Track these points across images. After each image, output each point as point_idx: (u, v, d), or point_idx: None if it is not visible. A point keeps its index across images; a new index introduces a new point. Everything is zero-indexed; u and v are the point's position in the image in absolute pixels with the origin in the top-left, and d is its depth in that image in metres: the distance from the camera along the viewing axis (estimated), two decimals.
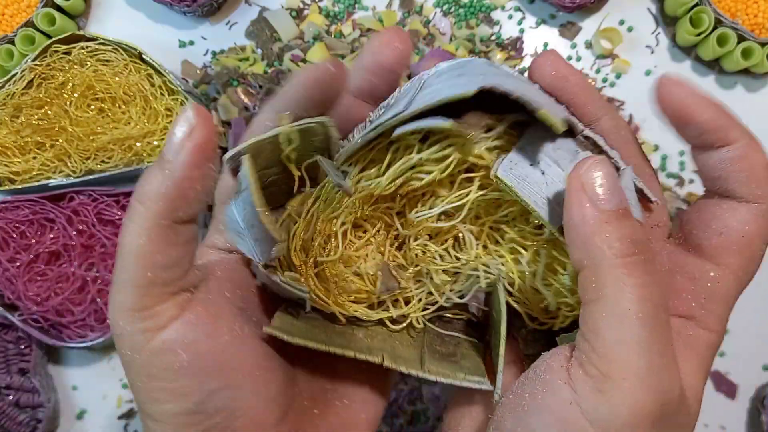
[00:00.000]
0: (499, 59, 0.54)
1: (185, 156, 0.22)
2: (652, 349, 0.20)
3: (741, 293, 0.24)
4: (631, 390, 0.20)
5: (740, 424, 0.52)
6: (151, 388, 0.24)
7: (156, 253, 0.23)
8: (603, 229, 0.21)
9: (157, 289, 0.23)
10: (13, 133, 0.52)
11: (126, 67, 0.52)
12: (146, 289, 0.23)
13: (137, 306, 0.23)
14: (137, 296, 0.23)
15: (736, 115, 0.25)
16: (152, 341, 0.23)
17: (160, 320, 0.23)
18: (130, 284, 0.23)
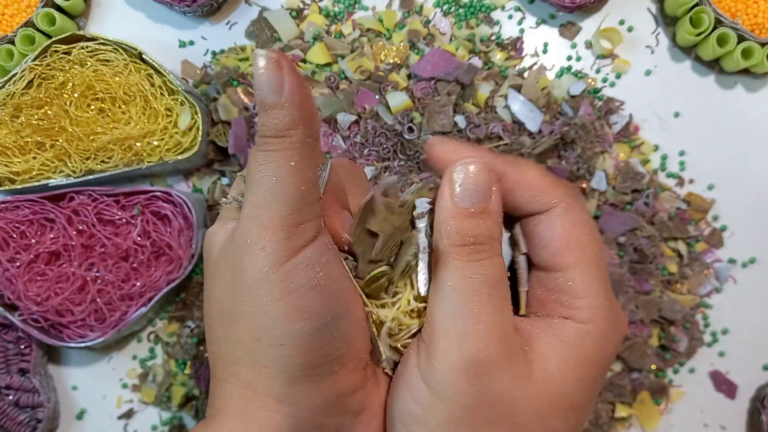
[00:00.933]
0: (499, 59, 0.54)
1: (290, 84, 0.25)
2: (464, 317, 0.24)
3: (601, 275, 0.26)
4: (445, 350, 0.24)
5: (740, 424, 0.52)
6: (282, 308, 0.25)
7: (306, 169, 0.25)
8: (449, 220, 0.25)
9: (306, 206, 0.25)
10: (13, 133, 0.52)
11: (126, 67, 0.52)
12: (298, 205, 0.25)
13: (288, 222, 0.25)
14: (290, 211, 0.25)
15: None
16: (296, 257, 0.25)
17: (304, 238, 0.25)
18: (283, 201, 0.25)
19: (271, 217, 0.25)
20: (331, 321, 0.25)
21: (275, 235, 0.25)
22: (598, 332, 0.25)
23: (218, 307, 0.27)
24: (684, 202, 0.53)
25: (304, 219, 0.25)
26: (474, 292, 0.24)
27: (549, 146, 0.52)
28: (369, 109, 0.52)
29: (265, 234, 0.25)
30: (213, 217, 0.54)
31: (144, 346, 0.55)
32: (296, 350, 0.25)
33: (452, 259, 0.25)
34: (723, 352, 0.53)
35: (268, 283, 0.25)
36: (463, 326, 0.24)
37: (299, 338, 0.25)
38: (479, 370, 0.24)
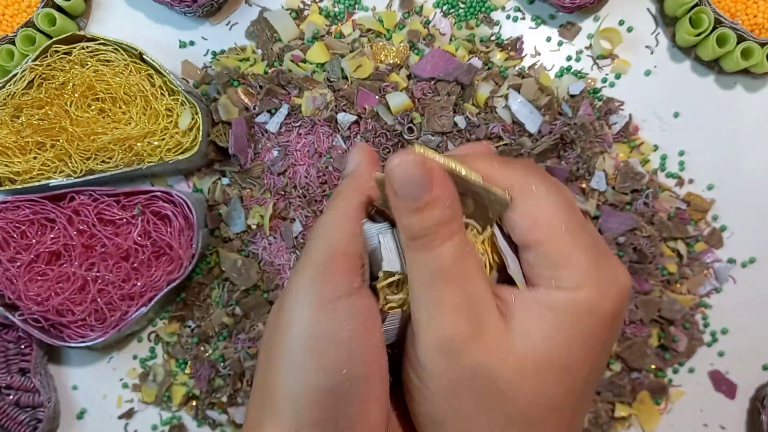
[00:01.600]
0: (499, 59, 0.54)
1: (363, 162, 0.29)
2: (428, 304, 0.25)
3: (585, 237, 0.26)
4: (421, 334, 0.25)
5: (740, 424, 0.52)
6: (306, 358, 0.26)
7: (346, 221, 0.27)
8: (400, 219, 0.26)
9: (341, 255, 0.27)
10: (13, 133, 0.52)
11: (126, 67, 0.52)
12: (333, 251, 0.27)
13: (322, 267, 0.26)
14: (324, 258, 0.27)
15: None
16: (325, 308, 0.26)
17: (336, 289, 0.26)
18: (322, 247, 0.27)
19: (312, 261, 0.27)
20: (342, 383, 0.25)
21: (312, 278, 0.26)
22: (589, 296, 0.25)
23: (266, 342, 0.28)
24: (683, 202, 0.53)
25: (340, 268, 0.26)
26: (432, 280, 0.25)
27: (549, 146, 0.52)
28: (369, 109, 0.52)
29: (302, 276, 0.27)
30: (213, 217, 0.54)
31: (144, 346, 0.55)
32: (309, 405, 0.26)
33: (408, 251, 0.26)
34: (722, 352, 0.53)
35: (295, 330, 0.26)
36: (428, 312, 0.25)
37: (313, 393, 0.25)
38: (452, 348, 0.25)
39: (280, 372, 0.26)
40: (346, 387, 0.25)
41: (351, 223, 0.27)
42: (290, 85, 0.54)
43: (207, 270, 0.54)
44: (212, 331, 0.53)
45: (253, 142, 0.53)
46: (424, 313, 0.25)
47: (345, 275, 0.26)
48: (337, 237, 0.27)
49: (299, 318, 0.26)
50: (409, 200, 0.25)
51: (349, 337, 0.26)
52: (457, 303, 0.25)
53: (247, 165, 0.53)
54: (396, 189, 0.25)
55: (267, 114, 0.54)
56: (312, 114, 0.53)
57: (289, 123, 0.53)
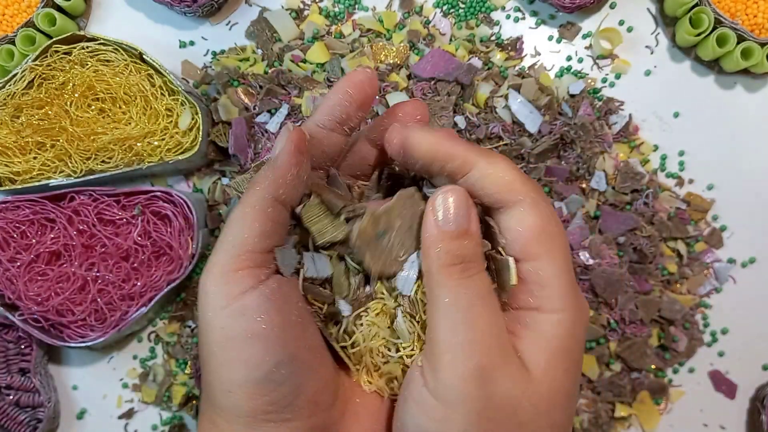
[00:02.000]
0: (499, 59, 0.54)
1: (285, 151, 0.28)
2: (464, 329, 0.25)
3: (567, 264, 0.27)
4: (451, 362, 0.25)
5: (740, 424, 0.52)
6: (226, 357, 0.26)
7: (254, 220, 0.27)
8: (437, 244, 0.26)
9: (246, 254, 0.27)
10: (13, 133, 0.52)
11: (126, 67, 0.52)
12: (238, 251, 0.27)
13: (227, 267, 0.26)
14: (229, 257, 0.27)
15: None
16: (233, 304, 0.26)
17: (242, 285, 0.26)
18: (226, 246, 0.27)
19: (213, 263, 0.27)
20: (274, 368, 0.26)
21: (215, 280, 0.27)
22: (569, 319, 0.27)
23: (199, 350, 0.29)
24: (683, 202, 0.53)
25: (241, 266, 0.27)
26: (470, 306, 0.26)
27: (549, 146, 0.52)
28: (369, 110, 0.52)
29: (208, 278, 0.27)
30: (213, 217, 0.54)
31: (144, 346, 0.55)
32: (243, 397, 0.26)
33: (446, 278, 0.26)
34: (722, 352, 0.53)
35: (213, 329, 0.27)
36: (464, 337, 0.25)
37: (243, 386, 0.26)
38: (484, 376, 0.25)
39: (211, 372, 0.27)
40: (274, 373, 0.26)
41: (259, 220, 0.27)
42: (290, 85, 0.54)
43: None
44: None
45: (253, 142, 0.53)
46: (459, 338, 0.25)
47: (250, 271, 0.27)
48: (244, 235, 0.27)
49: (212, 321, 0.26)
50: (452, 227, 0.26)
51: (263, 327, 0.26)
52: (490, 331, 0.26)
53: (247, 165, 0.53)
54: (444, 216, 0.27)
55: (267, 114, 0.54)
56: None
57: (288, 123, 0.53)
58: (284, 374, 0.26)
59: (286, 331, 0.27)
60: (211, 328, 0.27)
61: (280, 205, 0.28)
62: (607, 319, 0.51)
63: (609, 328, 0.51)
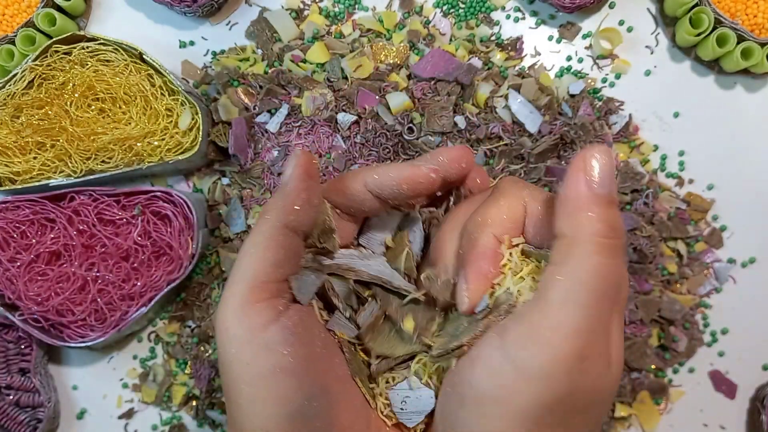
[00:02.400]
0: (499, 59, 0.54)
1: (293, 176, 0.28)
2: (587, 315, 0.23)
3: None
4: (552, 339, 0.23)
5: (740, 424, 0.52)
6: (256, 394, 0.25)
7: (266, 249, 0.26)
8: (590, 208, 0.23)
9: (262, 284, 0.26)
10: (13, 133, 0.52)
11: (126, 67, 0.52)
12: (253, 283, 0.26)
13: (244, 300, 0.26)
14: (245, 289, 0.26)
15: None
16: (257, 338, 0.25)
17: (262, 318, 0.25)
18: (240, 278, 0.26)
19: (229, 296, 0.26)
20: (306, 402, 0.25)
21: (234, 314, 0.25)
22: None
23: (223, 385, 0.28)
24: (683, 202, 0.53)
25: (260, 297, 0.26)
26: (603, 295, 0.23)
27: (549, 146, 0.52)
28: (369, 110, 0.52)
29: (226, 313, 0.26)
30: (213, 217, 0.54)
31: (144, 346, 0.55)
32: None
33: (593, 253, 0.23)
34: (722, 352, 0.53)
35: (239, 365, 0.25)
36: (579, 323, 0.23)
37: (275, 422, 0.25)
38: (582, 366, 0.23)
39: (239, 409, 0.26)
40: (306, 406, 0.25)
41: (272, 250, 0.27)
42: (290, 85, 0.54)
43: (207, 270, 0.54)
44: (212, 331, 0.53)
45: (253, 142, 0.53)
46: (574, 321, 0.23)
47: (268, 303, 0.26)
48: (257, 267, 0.26)
49: (236, 355, 0.25)
50: (608, 189, 0.24)
51: (290, 360, 0.25)
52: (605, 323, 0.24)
53: (247, 165, 0.53)
54: (598, 177, 0.24)
55: (267, 114, 0.54)
56: (312, 114, 0.53)
57: (289, 123, 0.53)
58: (317, 407, 0.25)
59: (313, 363, 0.26)
60: (237, 364, 0.25)
61: (292, 232, 0.27)
62: None
63: None
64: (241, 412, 0.26)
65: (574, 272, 0.23)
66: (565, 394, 0.23)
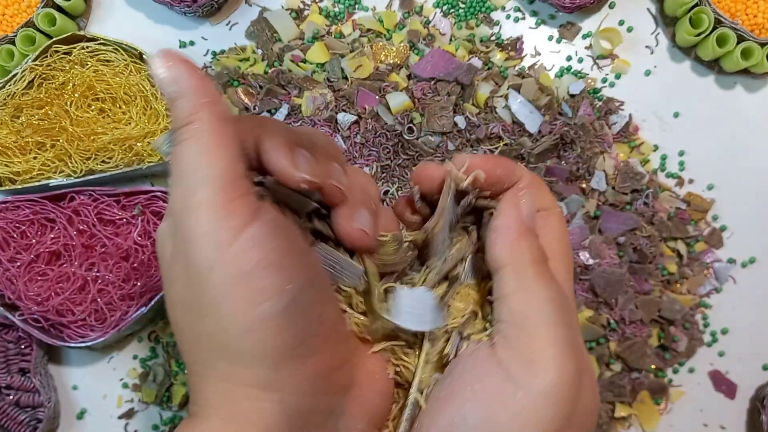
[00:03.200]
0: (499, 59, 0.54)
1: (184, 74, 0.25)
2: (567, 325, 0.25)
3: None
4: (556, 357, 0.24)
5: (740, 424, 0.52)
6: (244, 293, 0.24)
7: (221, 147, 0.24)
8: (525, 238, 0.26)
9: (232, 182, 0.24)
10: (13, 133, 0.52)
11: (126, 67, 0.52)
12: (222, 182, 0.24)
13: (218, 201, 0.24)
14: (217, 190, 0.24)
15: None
16: (239, 237, 0.24)
17: (242, 218, 0.24)
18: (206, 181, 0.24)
19: (200, 201, 0.24)
20: (294, 297, 0.24)
21: (209, 218, 0.24)
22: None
23: (180, 305, 0.26)
24: (683, 202, 0.53)
25: (234, 195, 0.24)
26: (566, 306, 0.25)
27: (549, 146, 0.52)
28: (369, 110, 0.52)
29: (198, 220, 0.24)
30: None
31: (144, 346, 0.55)
32: (267, 334, 0.24)
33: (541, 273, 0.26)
34: (722, 352, 0.53)
35: (221, 270, 0.24)
36: (565, 335, 0.24)
37: (266, 321, 0.24)
38: (580, 381, 0.24)
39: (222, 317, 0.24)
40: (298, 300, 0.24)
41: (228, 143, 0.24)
42: (290, 85, 0.54)
43: None
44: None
45: None
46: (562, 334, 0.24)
47: (243, 200, 0.24)
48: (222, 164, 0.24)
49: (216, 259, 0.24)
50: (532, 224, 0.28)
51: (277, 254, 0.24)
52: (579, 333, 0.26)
53: None
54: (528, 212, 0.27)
55: (267, 114, 0.54)
56: (312, 114, 0.53)
57: (289, 123, 0.53)
58: (308, 299, 0.25)
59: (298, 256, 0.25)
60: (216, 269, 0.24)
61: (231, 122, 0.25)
62: (607, 319, 0.51)
63: (609, 328, 0.51)
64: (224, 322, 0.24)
65: (540, 294, 0.25)
66: (569, 415, 0.24)
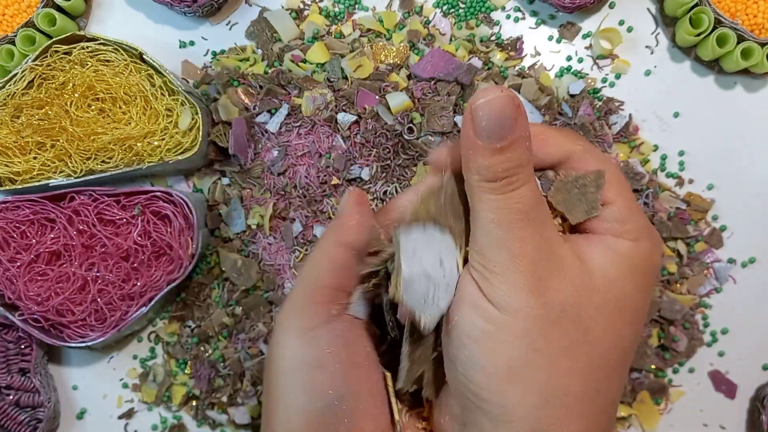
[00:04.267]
0: (499, 59, 0.54)
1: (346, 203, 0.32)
2: (511, 243, 0.25)
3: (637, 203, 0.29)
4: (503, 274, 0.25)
5: (740, 424, 0.52)
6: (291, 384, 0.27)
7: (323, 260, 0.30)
8: (477, 158, 0.25)
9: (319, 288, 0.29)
10: (13, 134, 0.52)
11: (126, 67, 0.52)
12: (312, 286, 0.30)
13: (302, 302, 0.29)
14: (304, 293, 0.29)
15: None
16: (306, 335, 0.28)
17: (316, 319, 0.29)
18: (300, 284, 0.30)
19: (290, 300, 0.29)
20: (334, 402, 0.27)
21: (291, 314, 0.29)
22: (647, 247, 0.27)
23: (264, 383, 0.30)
24: (683, 202, 0.53)
25: (318, 300, 0.29)
26: (514, 220, 0.25)
27: None
28: (369, 110, 0.52)
29: (284, 314, 0.29)
30: (213, 217, 0.54)
31: (144, 346, 0.55)
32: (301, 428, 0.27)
33: (486, 193, 0.25)
34: (722, 352, 0.53)
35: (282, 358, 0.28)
36: (510, 251, 0.25)
37: (303, 415, 0.27)
38: (540, 285, 0.25)
39: (275, 400, 0.28)
40: (335, 406, 0.27)
41: (330, 260, 0.30)
42: (290, 85, 0.54)
43: (207, 270, 0.54)
44: (212, 331, 0.53)
45: (253, 142, 0.53)
46: (506, 253, 0.25)
47: (323, 306, 0.29)
48: (315, 273, 0.30)
49: (284, 349, 0.28)
50: (494, 139, 0.25)
51: (331, 359, 0.27)
52: (539, 243, 0.25)
53: (247, 165, 0.53)
54: (481, 126, 0.25)
55: (267, 114, 0.54)
56: (312, 114, 0.53)
57: (289, 123, 0.53)
58: (344, 409, 0.27)
59: (351, 369, 0.28)
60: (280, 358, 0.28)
61: (345, 247, 0.31)
62: None
63: None
64: (273, 404, 0.28)
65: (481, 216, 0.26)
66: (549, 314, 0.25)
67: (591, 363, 0.25)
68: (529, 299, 0.25)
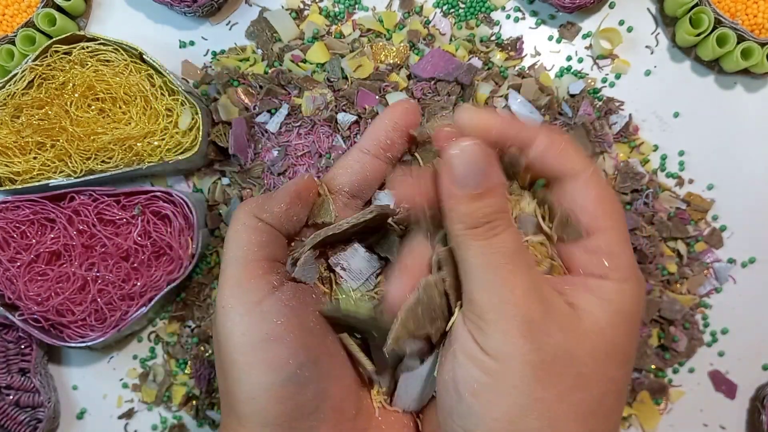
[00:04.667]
0: (499, 59, 0.54)
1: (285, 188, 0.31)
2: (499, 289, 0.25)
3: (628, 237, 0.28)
4: (495, 320, 0.25)
5: (740, 423, 0.52)
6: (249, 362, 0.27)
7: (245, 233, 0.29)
8: (458, 206, 0.26)
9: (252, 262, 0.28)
10: (13, 133, 0.52)
11: (126, 67, 0.52)
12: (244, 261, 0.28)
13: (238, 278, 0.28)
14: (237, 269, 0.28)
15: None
16: (253, 310, 0.27)
17: (258, 293, 0.28)
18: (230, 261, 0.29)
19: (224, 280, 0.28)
20: (296, 371, 0.27)
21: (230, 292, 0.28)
22: (633, 290, 0.27)
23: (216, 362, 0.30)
24: (683, 202, 0.53)
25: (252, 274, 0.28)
26: (500, 264, 0.25)
27: None
28: (369, 109, 0.52)
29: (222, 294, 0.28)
30: (213, 217, 0.54)
31: (144, 346, 0.55)
32: (268, 402, 0.26)
33: (471, 240, 0.26)
34: (722, 352, 0.53)
35: (234, 336, 0.27)
36: (500, 296, 0.25)
37: (268, 390, 0.26)
38: (532, 329, 0.25)
39: (234, 380, 0.27)
40: (297, 375, 0.27)
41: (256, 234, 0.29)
42: (290, 85, 0.54)
43: (207, 270, 0.54)
44: (212, 330, 0.53)
45: (253, 142, 0.53)
46: (496, 297, 0.25)
47: (262, 278, 0.28)
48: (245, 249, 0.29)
49: (234, 327, 0.27)
50: (471, 185, 0.25)
51: (284, 330, 0.27)
52: (527, 285, 0.25)
53: (247, 165, 0.53)
54: (458, 174, 0.26)
55: (267, 114, 0.54)
56: (312, 114, 0.53)
57: (289, 123, 0.53)
58: (308, 376, 0.27)
59: (306, 335, 0.28)
60: (232, 336, 0.27)
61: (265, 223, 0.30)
62: None
63: None
64: (234, 385, 0.27)
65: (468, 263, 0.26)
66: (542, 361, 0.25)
67: (587, 408, 0.25)
68: (523, 344, 0.25)
